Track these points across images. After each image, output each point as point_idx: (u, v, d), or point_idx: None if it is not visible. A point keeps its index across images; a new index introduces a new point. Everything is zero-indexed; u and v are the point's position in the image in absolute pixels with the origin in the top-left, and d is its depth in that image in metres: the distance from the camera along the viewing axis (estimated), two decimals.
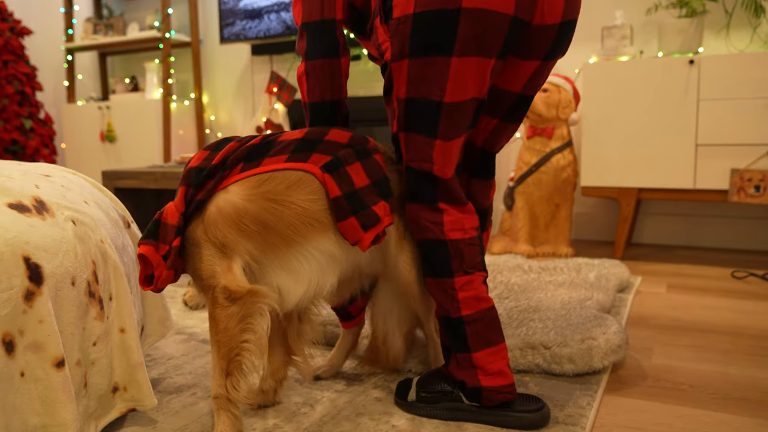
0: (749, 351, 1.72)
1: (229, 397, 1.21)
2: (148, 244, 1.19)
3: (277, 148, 1.26)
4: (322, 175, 1.24)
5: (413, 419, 1.33)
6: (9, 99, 4.41)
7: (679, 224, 3.30)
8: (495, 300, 2.02)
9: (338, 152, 1.26)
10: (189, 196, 1.22)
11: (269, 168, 1.23)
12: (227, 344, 1.19)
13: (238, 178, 1.23)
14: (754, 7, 2.85)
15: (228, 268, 1.19)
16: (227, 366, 1.20)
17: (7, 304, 1.00)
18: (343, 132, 1.31)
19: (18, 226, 1.07)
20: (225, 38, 4.11)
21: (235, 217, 1.20)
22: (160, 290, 1.23)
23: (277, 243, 1.22)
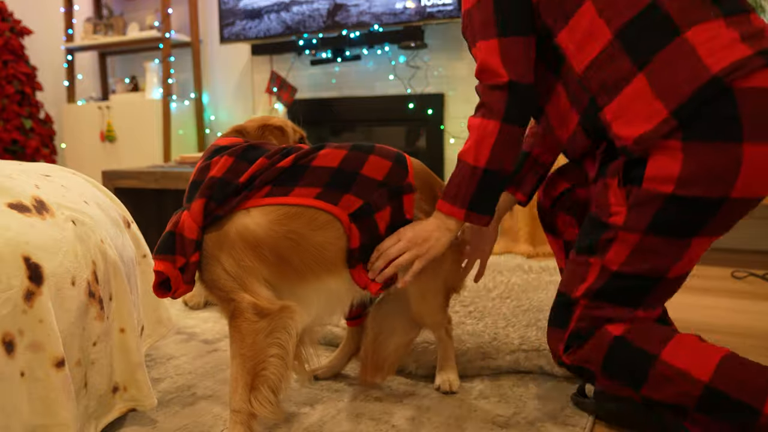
0: (749, 351, 1.72)
1: (253, 412, 1.16)
2: (165, 260, 1.15)
3: (309, 178, 1.21)
4: (349, 225, 1.22)
5: (413, 419, 1.33)
6: (9, 99, 4.41)
7: None
8: (496, 300, 2.02)
9: (372, 195, 1.23)
10: (209, 209, 1.18)
11: (298, 201, 1.20)
12: (253, 358, 1.16)
13: (263, 202, 1.19)
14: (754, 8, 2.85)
15: (250, 285, 1.18)
16: (252, 380, 1.16)
17: (7, 304, 1.00)
18: (382, 162, 1.26)
19: (18, 225, 1.07)
20: (225, 38, 4.11)
21: (254, 245, 1.17)
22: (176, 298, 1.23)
23: (291, 275, 1.21)
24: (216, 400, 1.45)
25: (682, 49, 1.05)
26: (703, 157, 1.04)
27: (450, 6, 3.35)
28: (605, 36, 1.11)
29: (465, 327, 1.73)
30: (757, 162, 1.03)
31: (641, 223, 1.10)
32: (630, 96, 1.09)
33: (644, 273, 1.13)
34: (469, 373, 1.56)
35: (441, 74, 3.64)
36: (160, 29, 4.35)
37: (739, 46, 1.03)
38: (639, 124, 1.07)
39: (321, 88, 4.05)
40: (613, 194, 1.15)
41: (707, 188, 1.05)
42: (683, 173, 1.05)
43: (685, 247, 1.11)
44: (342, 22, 3.68)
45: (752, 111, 1.01)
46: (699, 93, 1.02)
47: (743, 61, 1.01)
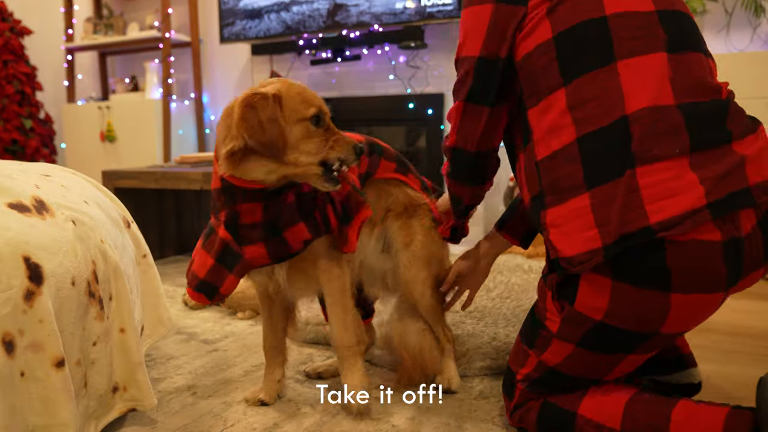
0: (750, 351, 1.72)
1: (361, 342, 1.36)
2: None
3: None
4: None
5: (413, 419, 1.33)
6: (9, 99, 4.41)
7: None
8: (496, 300, 2.01)
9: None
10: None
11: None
12: (352, 297, 1.37)
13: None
14: (754, 7, 2.85)
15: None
16: (355, 317, 1.37)
17: (7, 304, 1.00)
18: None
19: (18, 225, 1.07)
20: (225, 38, 4.11)
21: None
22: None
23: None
24: (216, 400, 1.45)
25: (629, 184, 0.99)
26: (631, 300, 1.02)
27: (450, 6, 3.35)
28: (569, 136, 1.06)
29: (465, 327, 1.73)
30: (685, 308, 1.02)
31: (573, 337, 1.12)
32: (573, 211, 1.05)
33: (580, 375, 1.16)
34: (469, 373, 1.56)
35: (441, 74, 3.64)
36: (160, 29, 4.35)
37: (692, 193, 0.96)
38: (574, 244, 1.04)
39: (321, 88, 4.05)
40: (549, 303, 1.17)
41: (635, 325, 1.05)
42: (611, 308, 1.04)
43: (618, 361, 1.12)
44: (342, 22, 3.68)
45: (683, 264, 0.97)
46: (628, 238, 0.98)
47: (685, 216, 0.95)
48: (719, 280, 1.00)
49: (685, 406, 1.06)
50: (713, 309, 1.06)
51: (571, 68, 1.07)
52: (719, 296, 1.03)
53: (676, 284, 0.99)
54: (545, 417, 1.18)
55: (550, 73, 1.09)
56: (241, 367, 1.66)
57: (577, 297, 1.08)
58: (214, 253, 1.30)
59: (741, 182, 0.97)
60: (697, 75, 1.06)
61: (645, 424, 1.07)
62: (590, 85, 1.05)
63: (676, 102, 1.02)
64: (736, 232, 0.98)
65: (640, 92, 1.03)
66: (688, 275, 0.98)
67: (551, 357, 1.16)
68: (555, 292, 1.14)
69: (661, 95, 1.02)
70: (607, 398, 1.13)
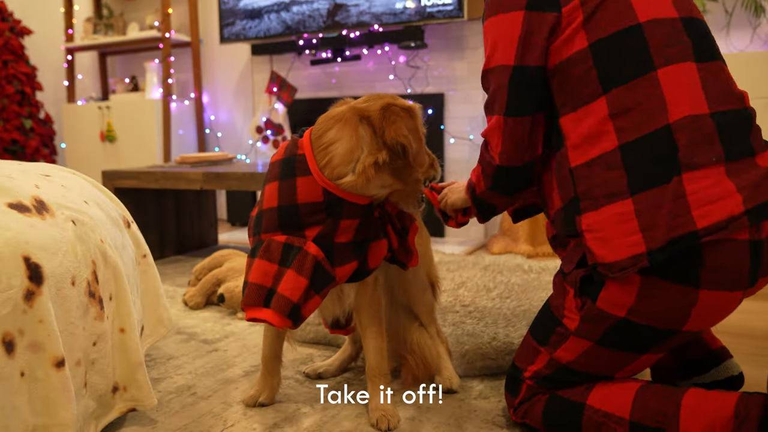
0: (750, 351, 1.72)
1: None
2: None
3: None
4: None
5: (413, 419, 1.33)
6: (9, 99, 4.41)
7: None
8: (496, 300, 2.01)
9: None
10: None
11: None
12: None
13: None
14: (754, 7, 2.85)
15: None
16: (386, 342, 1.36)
17: (7, 304, 1.00)
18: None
19: (18, 225, 1.07)
20: (225, 38, 4.10)
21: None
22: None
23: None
24: (216, 400, 1.45)
25: (675, 191, 1.02)
26: (659, 296, 1.04)
27: (450, 6, 3.35)
28: (611, 144, 1.07)
29: (465, 327, 1.73)
30: (709, 306, 1.04)
31: (592, 335, 1.12)
32: (614, 216, 1.06)
33: (592, 372, 1.17)
34: (469, 374, 1.56)
35: (441, 74, 3.64)
36: (160, 29, 4.35)
37: (732, 200, 1.00)
38: (616, 250, 1.05)
39: (321, 88, 4.05)
40: (569, 300, 1.16)
41: (658, 322, 1.07)
42: (637, 305, 1.06)
43: (634, 359, 1.14)
44: (342, 22, 3.68)
45: (715, 262, 1.01)
46: (676, 242, 1.00)
47: (728, 221, 0.99)
48: (743, 279, 1.03)
49: (695, 392, 1.07)
50: (732, 308, 1.08)
51: (611, 77, 1.08)
52: (739, 295, 1.05)
53: (705, 281, 1.01)
54: (552, 410, 1.18)
55: (588, 81, 1.09)
56: (241, 367, 1.66)
57: (600, 294, 1.09)
58: (307, 274, 1.20)
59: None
60: (725, 83, 1.09)
61: (655, 412, 1.07)
62: (632, 93, 1.06)
63: (710, 111, 1.05)
64: (758, 236, 1.02)
65: (681, 100, 1.04)
66: (717, 273, 1.01)
67: (565, 354, 1.17)
68: (578, 289, 1.14)
69: (697, 104, 1.05)
70: (617, 388, 1.13)
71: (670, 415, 1.05)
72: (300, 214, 1.21)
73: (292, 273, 1.19)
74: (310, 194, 1.20)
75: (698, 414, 1.04)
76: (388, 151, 1.17)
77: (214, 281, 2.21)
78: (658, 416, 1.06)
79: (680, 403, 1.06)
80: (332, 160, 1.19)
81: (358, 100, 1.27)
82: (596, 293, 1.09)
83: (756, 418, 0.99)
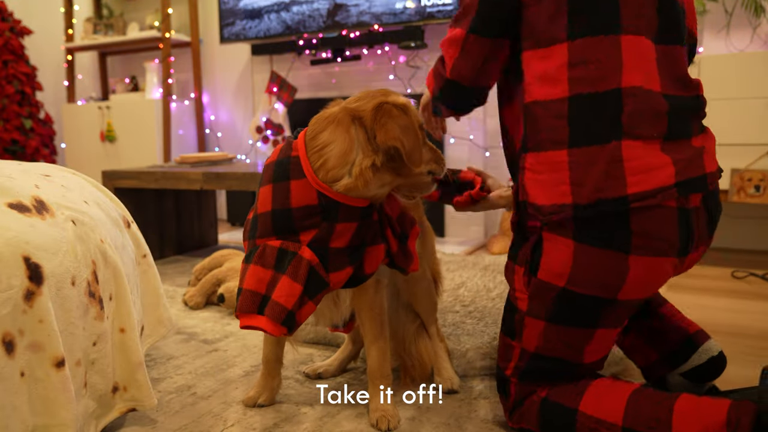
0: (749, 351, 1.72)
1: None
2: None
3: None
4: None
5: (413, 419, 1.33)
6: (9, 99, 4.41)
7: None
8: (496, 300, 2.01)
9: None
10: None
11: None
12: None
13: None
14: (754, 7, 2.84)
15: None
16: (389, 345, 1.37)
17: (7, 304, 1.00)
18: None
19: (18, 225, 1.07)
20: (225, 38, 4.10)
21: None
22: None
23: None
24: (216, 400, 1.45)
25: (612, 154, 1.05)
26: (593, 263, 1.08)
27: (450, 6, 3.35)
28: (562, 92, 1.10)
29: (465, 327, 1.73)
30: (642, 272, 1.08)
31: (542, 312, 1.16)
32: (551, 164, 1.10)
33: (559, 356, 1.18)
34: (469, 374, 1.56)
35: None
36: (160, 29, 4.35)
37: (665, 171, 1.05)
38: (546, 194, 1.10)
39: (321, 88, 4.05)
40: (518, 281, 1.21)
41: (596, 289, 1.10)
42: (573, 272, 1.10)
43: (589, 336, 1.15)
44: (342, 22, 3.68)
45: (643, 228, 1.05)
46: (603, 204, 1.04)
47: (659, 191, 1.04)
48: (673, 245, 1.07)
49: (688, 398, 1.07)
50: (665, 275, 1.11)
51: (579, 26, 1.09)
52: (671, 262, 1.09)
53: (635, 246, 1.06)
54: (546, 416, 1.18)
55: (557, 23, 1.11)
56: (241, 367, 1.66)
57: (540, 264, 1.14)
58: (302, 280, 1.17)
59: (700, 169, 1.09)
60: (681, 69, 1.13)
61: (648, 418, 1.07)
62: (594, 48, 1.08)
63: (662, 91, 1.08)
64: (686, 204, 1.07)
65: (636, 70, 1.07)
66: (646, 238, 1.05)
67: (528, 340, 1.19)
68: (527, 267, 1.18)
69: (651, 80, 1.08)
70: (609, 394, 1.13)
71: (662, 420, 1.05)
72: (294, 218, 1.18)
73: (286, 279, 1.17)
74: (305, 197, 1.18)
75: (691, 420, 1.04)
76: (383, 154, 1.16)
77: (214, 281, 2.21)
78: (650, 422, 1.06)
79: (672, 409, 1.06)
80: (327, 162, 1.17)
81: (350, 98, 1.24)
82: (537, 266, 1.15)
83: (748, 424, 0.98)
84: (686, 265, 1.16)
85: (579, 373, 1.19)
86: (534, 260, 1.16)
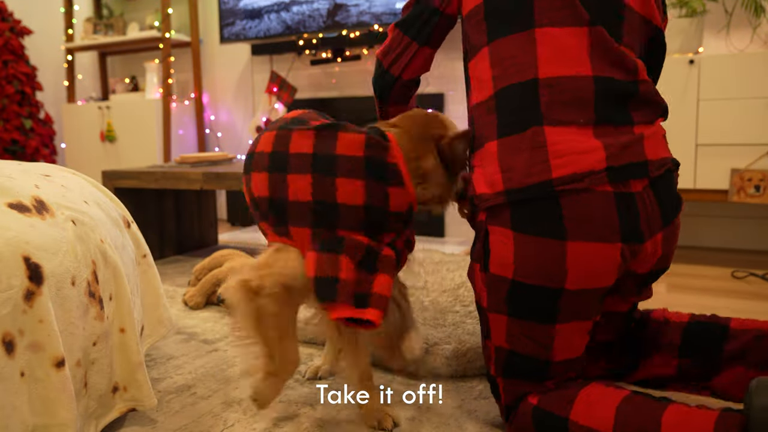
0: None
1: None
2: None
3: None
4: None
5: (413, 419, 1.33)
6: (9, 99, 4.41)
7: None
8: None
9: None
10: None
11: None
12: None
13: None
14: (754, 7, 2.84)
15: None
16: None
17: (7, 304, 1.00)
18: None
19: (18, 225, 1.07)
20: (225, 38, 4.11)
21: None
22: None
23: None
24: (216, 400, 1.45)
25: (535, 139, 1.09)
26: (532, 251, 1.10)
27: None
28: (489, 91, 1.19)
29: (465, 326, 1.73)
30: (582, 258, 1.08)
31: (500, 307, 1.17)
32: (486, 155, 1.18)
33: (530, 354, 1.17)
34: (469, 373, 1.56)
35: (441, 74, 3.64)
36: (160, 29, 4.35)
37: (594, 155, 1.06)
38: (484, 183, 1.16)
39: (321, 88, 4.05)
40: (478, 277, 1.22)
41: (542, 279, 1.10)
42: (517, 263, 1.12)
43: (551, 332, 1.14)
44: (342, 22, 3.68)
45: (577, 212, 1.06)
46: (528, 189, 1.08)
47: (585, 175, 1.05)
48: (613, 229, 1.07)
49: (676, 409, 1.07)
50: (613, 262, 1.10)
51: (495, 29, 1.19)
52: (616, 247, 1.08)
53: (571, 232, 1.07)
54: (539, 424, 1.18)
55: (479, 31, 1.22)
56: (241, 367, 1.66)
57: (490, 259, 1.16)
58: (393, 275, 1.24)
59: (639, 156, 1.09)
60: (617, 53, 1.14)
61: (636, 428, 1.07)
62: (508, 46, 1.17)
63: (592, 74, 1.11)
64: (626, 189, 1.08)
65: (554, 60, 1.12)
66: (581, 223, 1.06)
67: (498, 337, 1.20)
68: (482, 263, 1.20)
69: (576, 66, 1.11)
70: (598, 402, 1.13)
71: (651, 431, 1.05)
72: (389, 220, 1.22)
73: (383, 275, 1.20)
74: (401, 204, 1.22)
75: (679, 431, 1.03)
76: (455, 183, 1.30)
77: (214, 281, 2.21)
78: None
79: (660, 421, 1.05)
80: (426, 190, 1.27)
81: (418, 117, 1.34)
82: (488, 261, 1.17)
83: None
84: (650, 254, 1.15)
85: (554, 371, 1.18)
86: (485, 255, 1.18)
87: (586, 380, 1.21)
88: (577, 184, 1.05)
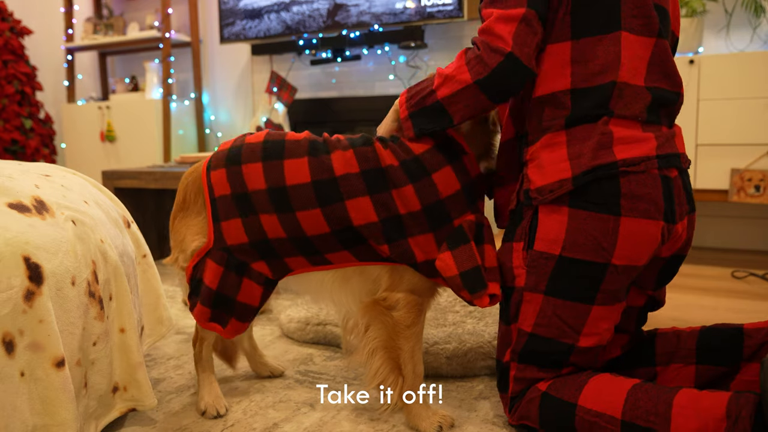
0: None
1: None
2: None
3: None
4: None
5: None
6: (9, 99, 4.41)
7: None
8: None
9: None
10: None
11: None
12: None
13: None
14: (754, 7, 2.84)
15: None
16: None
17: (7, 304, 1.00)
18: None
19: (18, 225, 1.07)
20: (225, 38, 4.11)
21: None
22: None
23: None
24: None
25: (602, 129, 1.17)
26: (586, 226, 1.16)
27: (450, 6, 3.35)
28: (564, 85, 1.20)
29: (465, 326, 1.73)
30: (632, 233, 1.15)
31: (540, 285, 1.21)
32: (548, 146, 1.22)
33: (555, 337, 1.20)
34: (469, 373, 1.57)
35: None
36: (160, 29, 4.35)
37: (648, 144, 1.17)
38: (546, 175, 1.20)
39: (321, 88, 4.05)
40: (516, 257, 1.26)
41: (590, 254, 1.16)
42: (568, 238, 1.18)
43: (585, 314, 1.18)
44: (342, 22, 3.68)
45: (631, 191, 1.15)
46: (597, 169, 1.15)
47: (642, 159, 1.16)
48: (659, 208, 1.16)
49: (687, 392, 1.08)
50: (654, 240, 1.17)
51: (582, 27, 1.19)
52: (659, 225, 1.16)
53: (624, 208, 1.15)
54: (546, 411, 1.19)
55: (562, 25, 1.20)
56: (240, 366, 1.66)
57: (537, 234, 1.21)
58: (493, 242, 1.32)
59: (675, 149, 1.21)
60: (671, 65, 1.24)
61: (646, 411, 1.07)
62: (595, 46, 1.19)
63: (645, 84, 1.20)
64: (668, 173, 1.19)
65: (627, 66, 1.19)
66: (635, 201, 1.15)
67: (526, 318, 1.22)
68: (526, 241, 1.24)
69: (637, 75, 1.20)
70: (609, 387, 1.14)
71: (661, 414, 1.06)
72: (477, 186, 1.30)
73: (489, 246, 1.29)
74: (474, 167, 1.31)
75: (690, 414, 1.04)
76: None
77: None
78: (649, 416, 1.07)
79: (672, 402, 1.06)
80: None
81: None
82: (533, 239, 1.22)
83: (748, 417, 0.98)
84: (678, 236, 1.22)
85: (574, 359, 1.20)
86: (531, 233, 1.23)
87: (595, 370, 1.22)
88: (637, 166, 1.15)
